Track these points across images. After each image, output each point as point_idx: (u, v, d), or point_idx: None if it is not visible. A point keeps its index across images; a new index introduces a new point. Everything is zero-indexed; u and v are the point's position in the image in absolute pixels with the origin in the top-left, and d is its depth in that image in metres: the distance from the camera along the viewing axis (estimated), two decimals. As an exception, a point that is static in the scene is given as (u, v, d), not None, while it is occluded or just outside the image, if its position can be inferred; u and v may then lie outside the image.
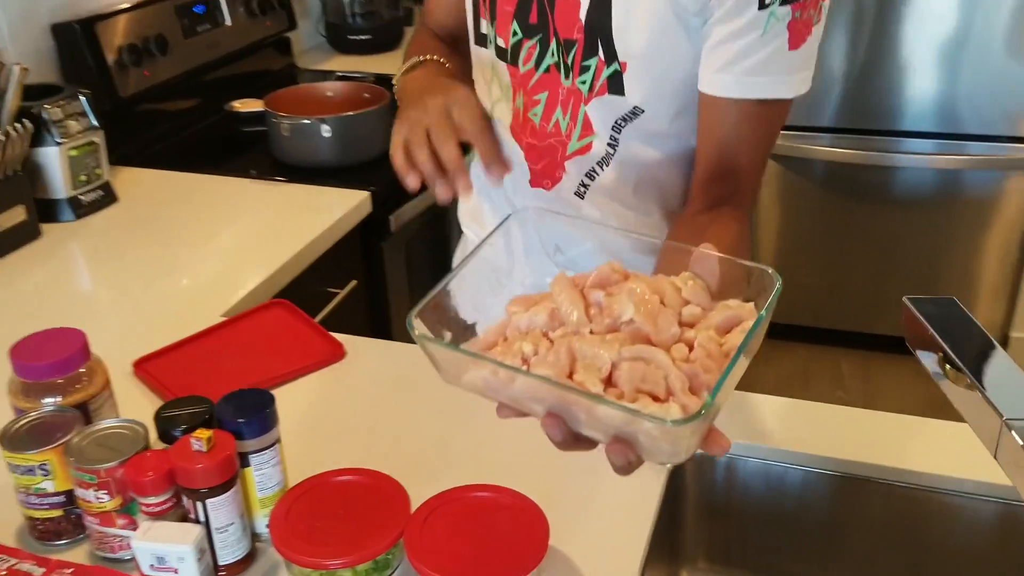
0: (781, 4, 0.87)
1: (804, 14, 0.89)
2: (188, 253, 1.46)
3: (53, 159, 1.51)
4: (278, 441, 0.85)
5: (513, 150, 1.08)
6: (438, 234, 1.98)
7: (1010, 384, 0.49)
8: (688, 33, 0.93)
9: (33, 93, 1.49)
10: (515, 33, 1.01)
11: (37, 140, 1.48)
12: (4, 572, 0.84)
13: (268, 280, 1.38)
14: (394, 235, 1.75)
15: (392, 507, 0.81)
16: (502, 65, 1.05)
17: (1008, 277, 2.66)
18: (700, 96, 0.95)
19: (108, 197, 1.62)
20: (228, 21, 2.11)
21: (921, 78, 2.51)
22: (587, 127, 1.01)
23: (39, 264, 1.44)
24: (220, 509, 0.80)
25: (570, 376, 0.63)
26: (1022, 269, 2.65)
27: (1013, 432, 0.46)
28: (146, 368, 1.12)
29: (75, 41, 1.73)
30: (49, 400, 0.89)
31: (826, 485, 0.96)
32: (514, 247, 0.79)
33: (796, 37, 0.90)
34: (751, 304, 0.67)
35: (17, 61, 1.44)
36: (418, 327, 0.69)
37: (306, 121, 1.72)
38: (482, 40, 1.07)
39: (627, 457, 0.63)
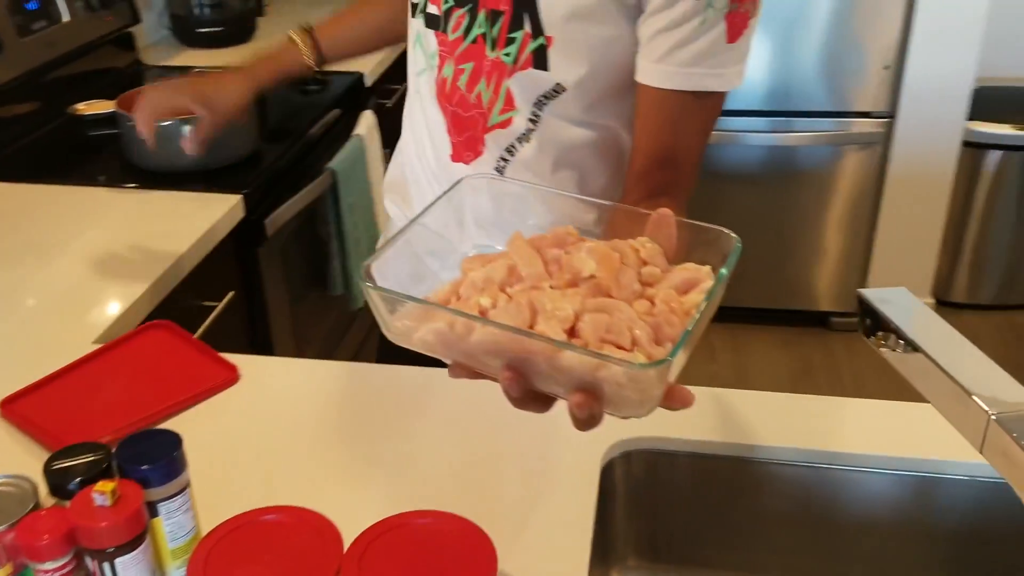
0: None
1: (741, 7, 0.89)
2: (43, 275, 1.32)
3: None
4: (188, 485, 0.78)
5: (438, 121, 1.08)
6: (314, 236, 1.90)
7: (989, 378, 0.49)
8: (622, 16, 0.92)
9: None
10: (446, 0, 1.01)
11: None
12: None
13: (139, 300, 1.27)
14: (270, 240, 1.66)
15: (323, 545, 0.75)
16: (430, 33, 1.05)
17: (859, 248, 2.80)
18: (638, 87, 0.95)
19: (-56, 216, 1.45)
20: (66, 17, 1.94)
21: (757, 59, 2.59)
22: (509, 101, 1.01)
23: None
24: (131, 568, 0.72)
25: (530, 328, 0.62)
26: (871, 240, 2.80)
27: (1000, 426, 0.46)
28: (14, 409, 1.01)
29: None
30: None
31: (721, 469, 0.97)
32: (465, 216, 0.77)
33: (733, 30, 0.90)
34: (708, 267, 0.67)
35: None
36: (369, 279, 0.66)
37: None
38: (413, 9, 1.07)
39: (591, 409, 0.61)
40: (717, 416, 1.01)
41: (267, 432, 0.99)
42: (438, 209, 0.75)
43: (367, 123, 2.04)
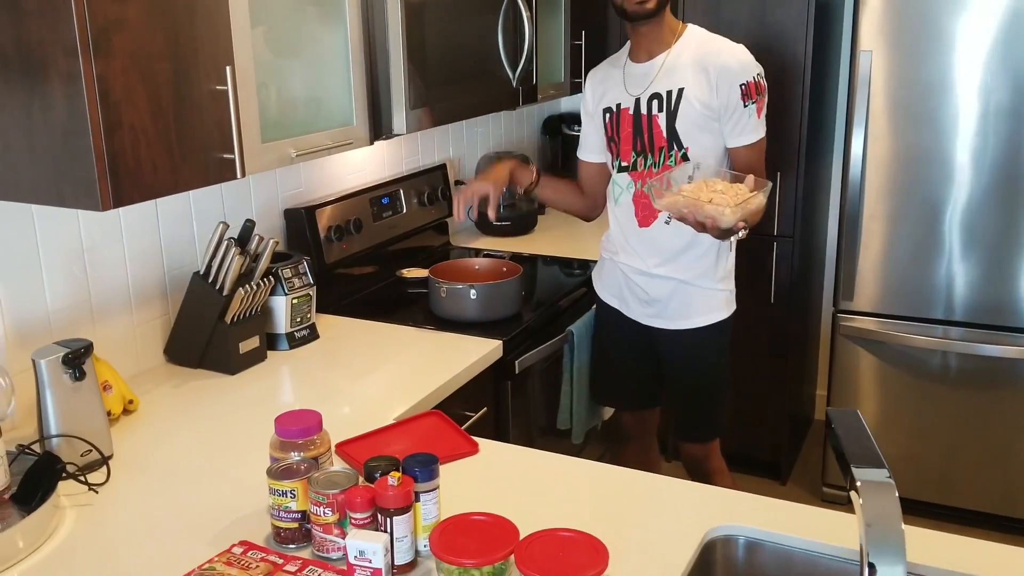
0: (752, 103, 2.10)
1: (760, 102, 2.13)
2: (367, 376, 2.00)
3: (281, 305, 2.11)
4: (438, 488, 1.33)
5: (631, 210, 2.25)
6: (553, 377, 2.46)
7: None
8: (712, 126, 2.13)
9: (272, 257, 2.11)
10: (633, 155, 2.20)
11: (271, 291, 2.08)
12: (260, 561, 1.34)
13: (423, 400, 1.89)
14: (518, 376, 2.25)
15: (506, 536, 1.27)
16: (624, 175, 2.23)
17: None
18: (728, 149, 2.16)
19: (313, 335, 2.20)
20: (404, 209, 2.75)
21: (975, 276, 2.89)
22: (670, 185, 2.07)
23: (266, 378, 2.01)
24: (400, 525, 1.28)
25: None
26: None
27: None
28: (343, 449, 1.63)
29: (300, 221, 2.38)
30: (295, 454, 1.41)
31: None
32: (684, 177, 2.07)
33: (759, 111, 2.14)
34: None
35: (272, 236, 2.06)
36: (651, 186, 2.03)
37: (459, 286, 2.28)
38: (614, 168, 2.26)
39: (714, 225, 1.91)
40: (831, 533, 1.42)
41: (490, 479, 1.54)
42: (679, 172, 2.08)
43: (607, 301, 2.62)
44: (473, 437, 1.67)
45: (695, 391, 2.36)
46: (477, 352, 2.13)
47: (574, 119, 3.63)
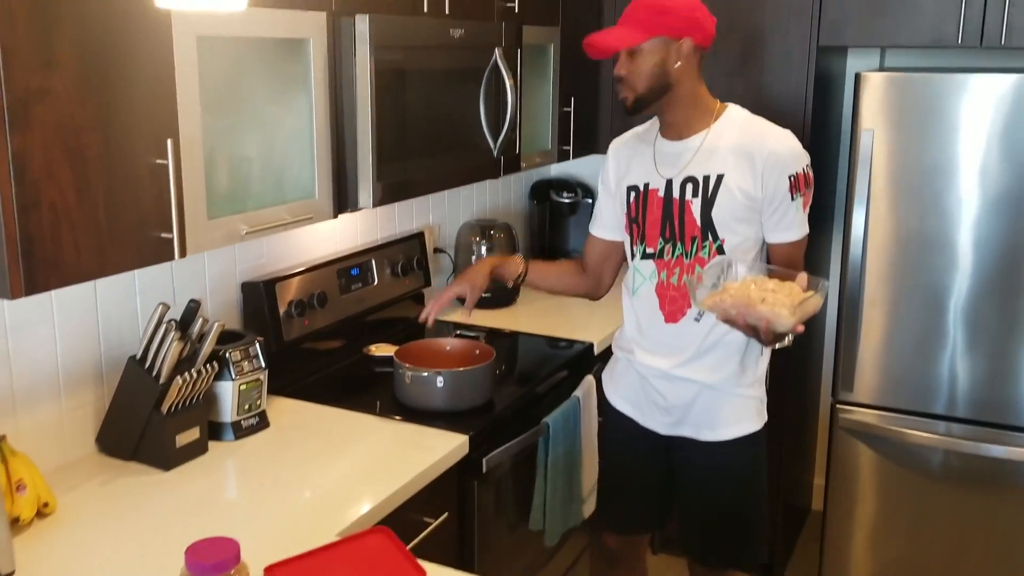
0: (800, 195, 1.91)
1: (807, 197, 1.94)
2: (317, 475, 1.82)
3: (227, 391, 1.93)
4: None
5: (654, 303, 2.03)
6: (524, 471, 2.28)
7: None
8: (753, 217, 1.93)
9: (221, 337, 1.93)
10: (661, 242, 1.99)
11: (217, 375, 1.91)
12: None
13: (377, 507, 1.71)
14: (485, 475, 2.06)
15: None
16: (648, 262, 2.02)
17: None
18: (768, 245, 1.99)
19: (262, 423, 2.02)
20: (376, 281, 2.58)
21: (980, 370, 2.72)
22: (701, 280, 1.89)
23: (203, 475, 1.82)
24: None
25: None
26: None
27: None
28: (272, 574, 1.44)
29: (258, 295, 2.21)
30: (209, 591, 1.22)
31: None
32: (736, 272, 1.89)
33: (804, 205, 1.95)
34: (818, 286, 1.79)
35: (218, 319, 1.89)
36: (694, 278, 1.90)
37: (424, 373, 2.11)
38: (635, 254, 2.05)
39: (769, 328, 1.71)
40: None
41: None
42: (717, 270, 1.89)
43: (587, 386, 2.44)
44: (423, 562, 1.49)
45: (720, 512, 2.10)
46: (440, 448, 1.95)
47: (563, 186, 3.49)
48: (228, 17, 1.64)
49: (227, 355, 1.93)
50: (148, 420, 1.80)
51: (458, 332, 2.69)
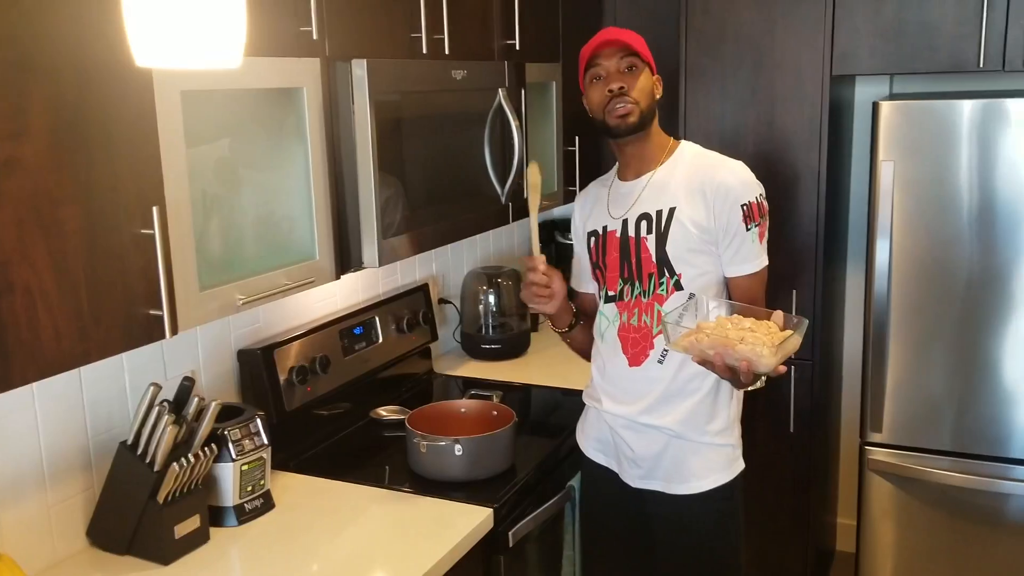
0: (755, 226, 1.82)
1: (763, 224, 1.85)
2: (329, 562, 1.66)
3: (227, 473, 1.77)
4: None
5: (617, 347, 1.91)
6: (551, 539, 2.12)
7: None
8: (709, 249, 1.84)
9: (219, 414, 1.78)
10: (620, 283, 1.90)
11: (216, 456, 1.75)
12: None
13: (398, 598, 1.55)
14: (512, 550, 1.90)
15: None
16: (611, 305, 1.93)
17: None
18: (727, 279, 1.88)
19: (267, 504, 1.86)
20: (380, 339, 2.43)
21: (1013, 407, 2.58)
22: (660, 319, 1.83)
23: (206, 568, 1.66)
24: None
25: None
26: None
27: None
28: None
29: (256, 364, 2.06)
30: None
31: None
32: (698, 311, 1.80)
33: (760, 235, 1.86)
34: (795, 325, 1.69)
35: (213, 391, 1.74)
36: (669, 318, 1.73)
37: (442, 442, 1.95)
38: (600, 299, 1.96)
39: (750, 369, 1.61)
40: None
41: None
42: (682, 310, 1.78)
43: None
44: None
45: (694, 569, 1.95)
46: (463, 524, 1.80)
47: (568, 226, 3.35)
48: (215, 69, 1.50)
49: (226, 434, 1.77)
50: (143, 511, 1.64)
51: (472, 392, 2.53)
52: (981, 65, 2.52)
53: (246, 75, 1.59)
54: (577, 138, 2.86)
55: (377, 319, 2.44)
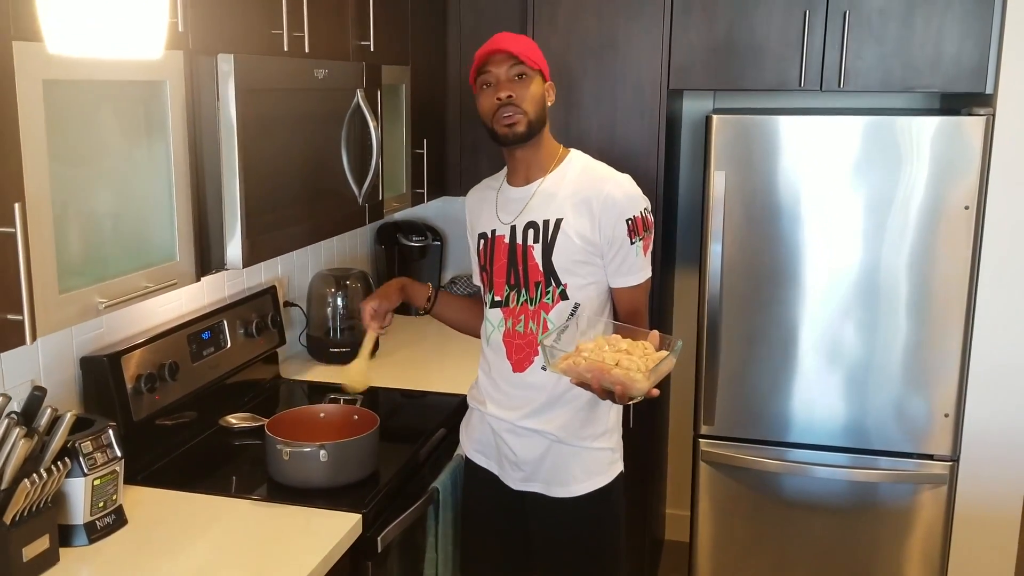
0: (640, 239, 1.88)
1: (648, 238, 1.92)
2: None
3: (78, 489, 1.65)
4: None
5: (502, 352, 1.97)
6: (413, 542, 2.11)
7: None
8: (594, 261, 1.90)
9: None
10: (506, 289, 1.94)
11: (67, 472, 1.63)
12: None
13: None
14: (380, 555, 1.88)
15: None
16: (496, 311, 1.97)
17: (932, 581, 2.86)
18: (611, 289, 1.94)
19: (119, 520, 1.74)
20: (229, 344, 2.34)
21: (832, 398, 2.83)
22: (546, 326, 1.90)
23: (57, 592, 1.54)
24: None
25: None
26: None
27: None
28: None
29: (101, 371, 1.93)
30: None
31: None
32: (577, 328, 1.87)
33: (645, 248, 1.92)
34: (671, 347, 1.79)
35: (55, 401, 1.61)
36: (547, 341, 1.79)
37: (307, 449, 1.90)
38: (486, 303, 2.01)
39: (624, 393, 1.67)
40: None
41: None
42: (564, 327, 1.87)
43: (469, 445, 2.30)
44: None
45: (575, 569, 2.01)
46: (331, 531, 1.76)
47: (411, 228, 3.36)
48: (77, 59, 1.40)
49: (78, 446, 1.65)
50: (-14, 535, 1.50)
51: (331, 396, 2.47)
52: (802, 84, 2.75)
53: (110, 66, 1.49)
54: (425, 141, 2.86)
55: (225, 323, 2.35)
